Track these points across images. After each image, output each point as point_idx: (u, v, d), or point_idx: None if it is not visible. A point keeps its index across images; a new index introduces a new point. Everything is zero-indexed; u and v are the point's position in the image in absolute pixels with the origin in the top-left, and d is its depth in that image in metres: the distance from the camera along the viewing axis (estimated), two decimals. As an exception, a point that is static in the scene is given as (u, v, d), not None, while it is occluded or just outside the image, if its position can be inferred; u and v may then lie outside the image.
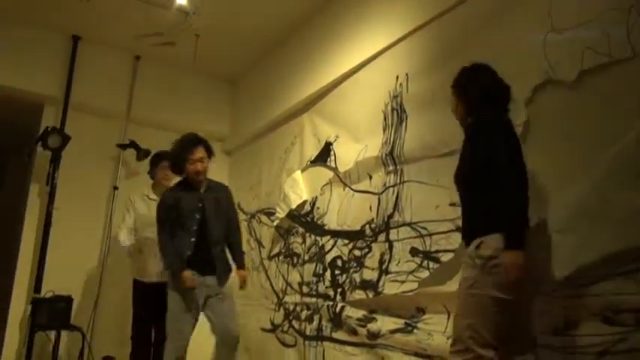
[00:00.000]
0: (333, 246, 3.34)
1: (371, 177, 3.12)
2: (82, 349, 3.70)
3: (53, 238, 3.96)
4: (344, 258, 3.23)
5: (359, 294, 3.01)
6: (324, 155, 3.64)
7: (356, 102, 3.38)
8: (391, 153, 2.95)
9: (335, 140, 3.56)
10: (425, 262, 2.58)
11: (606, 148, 1.84)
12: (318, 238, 3.53)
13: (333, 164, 3.52)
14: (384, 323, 2.79)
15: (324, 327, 3.28)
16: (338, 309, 3.18)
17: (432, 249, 2.54)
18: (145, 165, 4.00)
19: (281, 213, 3.93)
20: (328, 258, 3.37)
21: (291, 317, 3.65)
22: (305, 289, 3.57)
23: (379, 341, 2.80)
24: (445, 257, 2.44)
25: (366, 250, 3.04)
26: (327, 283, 3.34)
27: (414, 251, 2.67)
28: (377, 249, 2.95)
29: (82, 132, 4.19)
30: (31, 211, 4.10)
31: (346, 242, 3.23)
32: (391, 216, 2.88)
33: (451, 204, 2.44)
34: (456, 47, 2.63)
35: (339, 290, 3.21)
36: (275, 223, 4.02)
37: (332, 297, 3.26)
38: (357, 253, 3.11)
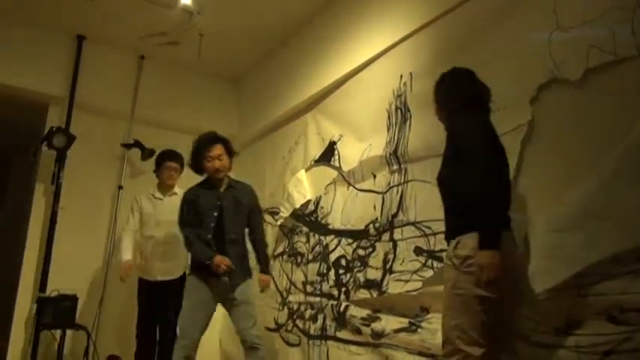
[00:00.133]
0: (337, 245, 3.34)
1: (375, 176, 3.12)
2: (87, 348, 3.70)
3: (58, 237, 3.98)
4: (348, 257, 3.23)
5: (363, 293, 3.01)
6: (328, 154, 3.64)
7: (360, 101, 3.38)
8: (395, 152, 2.95)
9: (339, 139, 3.56)
10: (429, 262, 2.58)
11: (612, 147, 1.84)
12: (322, 238, 3.52)
13: (337, 163, 3.51)
14: (388, 322, 2.79)
15: (328, 326, 3.28)
16: (342, 308, 3.18)
17: (436, 248, 2.54)
18: (150, 164, 4.02)
19: (285, 212, 3.93)
20: (332, 257, 3.37)
21: (295, 316, 3.65)
22: (309, 289, 3.57)
23: (383, 340, 2.79)
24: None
25: (370, 250, 3.03)
26: (331, 283, 3.33)
27: (418, 250, 2.67)
28: (381, 248, 2.94)
29: (87, 132, 4.20)
30: (37, 211, 4.11)
31: (350, 241, 3.23)
32: (395, 215, 2.88)
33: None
34: (461, 46, 2.62)
35: (343, 289, 3.21)
36: (279, 223, 4.02)
37: (336, 296, 3.26)
38: (361, 253, 3.10)
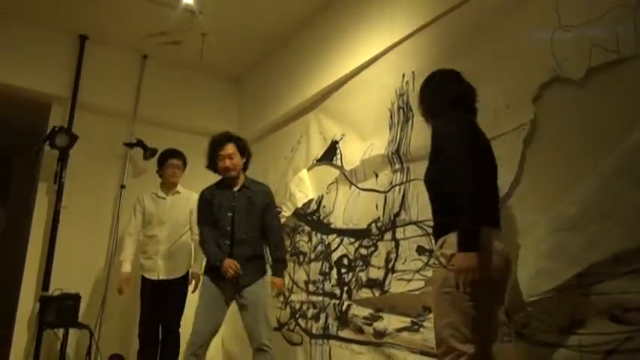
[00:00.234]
0: (339, 244, 3.34)
1: (377, 175, 3.12)
2: (90, 347, 3.71)
3: (61, 237, 3.99)
4: (350, 256, 3.23)
5: (365, 292, 3.01)
6: (330, 154, 3.64)
7: (362, 100, 3.38)
8: (397, 151, 2.95)
9: (341, 139, 3.56)
10: (431, 261, 2.58)
11: (615, 146, 1.83)
12: (324, 237, 3.53)
13: (339, 163, 3.51)
14: (391, 322, 2.79)
15: (331, 325, 3.28)
16: (344, 307, 3.18)
17: (439, 247, 2.54)
18: (152, 164, 4.02)
19: (287, 212, 3.94)
20: (334, 256, 3.37)
21: (297, 316, 3.65)
22: (311, 288, 3.57)
23: (385, 340, 2.80)
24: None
25: (373, 249, 3.03)
26: (334, 282, 3.34)
27: (421, 250, 2.66)
28: (383, 247, 2.94)
29: (90, 131, 4.21)
30: (39, 210, 4.12)
31: (352, 241, 3.23)
32: (397, 214, 2.88)
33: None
34: (463, 45, 2.62)
35: (346, 289, 3.21)
36: (281, 222, 4.02)
37: (338, 295, 3.26)
38: (364, 252, 3.10)
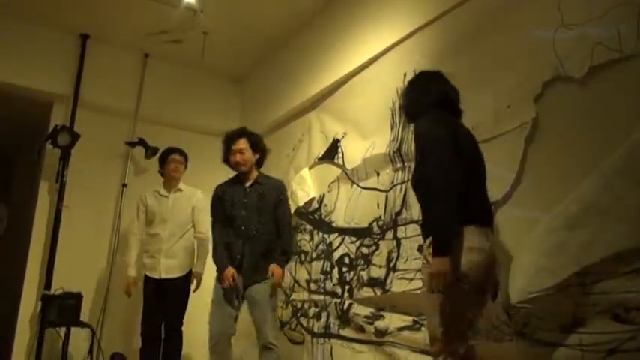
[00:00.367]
0: (341, 243, 3.34)
1: (379, 174, 3.12)
2: (92, 346, 3.72)
3: (63, 235, 3.99)
4: (351, 255, 3.23)
5: (367, 291, 3.01)
6: (332, 152, 3.64)
7: (363, 99, 3.37)
8: (399, 150, 2.94)
9: (343, 137, 3.55)
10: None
11: (617, 145, 1.83)
12: (325, 236, 3.53)
13: (341, 161, 3.51)
14: (392, 320, 2.79)
15: (332, 324, 3.28)
16: (346, 306, 3.18)
17: (440, 246, 2.53)
18: (154, 163, 4.02)
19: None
20: (336, 255, 3.37)
21: (298, 314, 3.65)
22: (313, 287, 3.57)
23: (387, 338, 2.80)
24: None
25: (374, 248, 3.03)
26: (335, 281, 3.34)
27: (422, 249, 2.66)
28: (384, 246, 2.94)
29: (91, 130, 4.20)
30: (41, 209, 4.13)
31: (354, 239, 3.23)
32: (399, 213, 2.87)
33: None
34: (464, 43, 2.61)
35: (347, 287, 3.21)
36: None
37: (340, 294, 3.26)
38: (365, 251, 3.10)
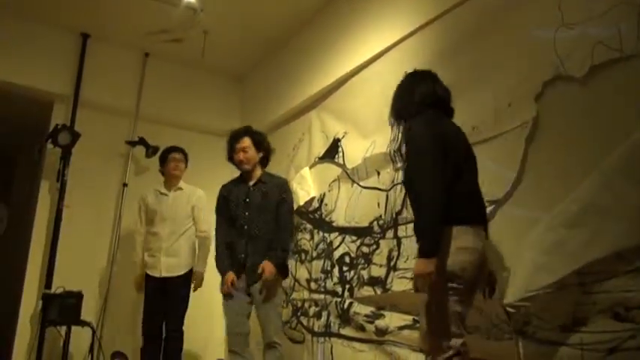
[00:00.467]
0: (341, 242, 3.34)
1: (379, 173, 3.12)
2: (92, 345, 3.72)
3: (63, 234, 3.99)
4: (352, 254, 3.23)
5: (367, 290, 3.01)
6: (332, 152, 3.64)
7: (364, 98, 3.37)
8: (399, 149, 2.92)
9: (343, 137, 3.55)
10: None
11: (617, 144, 1.83)
12: (326, 235, 3.53)
13: (341, 161, 3.51)
14: (392, 320, 2.79)
15: (332, 323, 3.28)
16: (346, 305, 3.18)
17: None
18: (154, 162, 4.02)
19: (289, 209, 3.94)
20: (336, 254, 3.37)
21: (299, 313, 3.65)
22: (313, 286, 3.57)
23: (387, 338, 2.80)
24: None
25: (374, 247, 3.03)
26: (335, 280, 3.34)
27: (423, 248, 2.66)
28: (385, 246, 2.94)
29: (92, 129, 4.20)
30: (42, 208, 4.13)
31: (354, 239, 3.23)
32: (399, 212, 2.87)
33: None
34: (465, 43, 2.61)
35: (347, 287, 3.21)
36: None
37: (340, 293, 3.27)
38: (365, 250, 3.10)
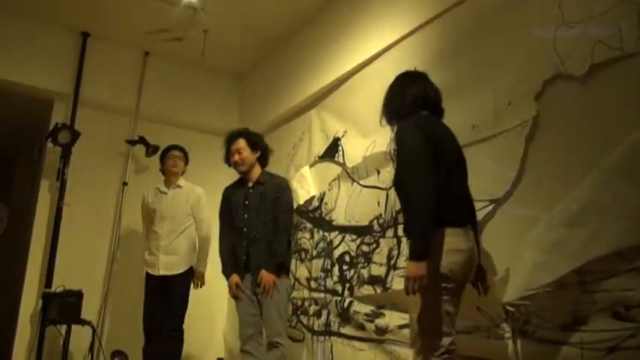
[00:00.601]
0: (341, 241, 3.34)
1: (379, 172, 3.11)
2: (93, 344, 3.73)
3: (63, 233, 3.99)
4: (352, 253, 3.23)
5: (367, 289, 3.01)
6: (332, 151, 3.63)
7: (364, 97, 3.37)
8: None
9: (343, 135, 3.55)
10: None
11: (617, 143, 1.82)
12: (326, 234, 3.53)
13: (341, 160, 3.51)
14: (392, 318, 2.79)
15: (332, 322, 3.29)
16: (346, 304, 3.18)
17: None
18: (154, 161, 4.03)
19: (289, 208, 3.93)
20: (336, 253, 3.37)
21: (299, 312, 3.66)
22: (313, 285, 3.57)
23: (387, 336, 2.80)
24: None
25: (374, 246, 3.03)
26: (335, 279, 3.34)
27: (423, 246, 2.66)
28: (385, 244, 2.94)
29: (92, 128, 4.21)
30: (42, 207, 4.13)
31: (354, 238, 3.23)
32: (399, 211, 2.87)
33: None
34: (466, 41, 2.61)
35: (347, 285, 3.21)
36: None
37: (340, 292, 3.27)
38: (365, 249, 3.10)
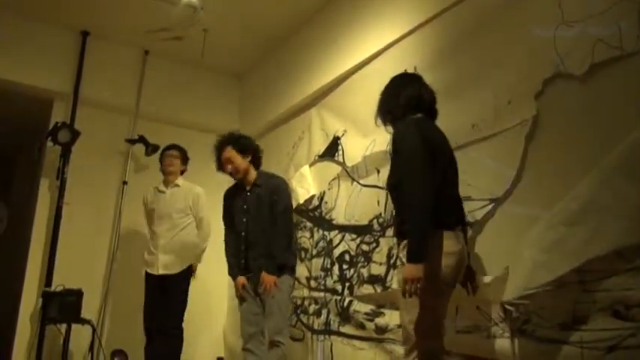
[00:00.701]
0: (341, 240, 3.34)
1: (379, 171, 3.11)
2: (93, 343, 3.73)
3: (63, 232, 3.99)
4: (352, 252, 3.23)
5: (367, 288, 3.01)
6: (332, 150, 3.63)
7: (364, 96, 3.36)
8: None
9: (343, 135, 3.55)
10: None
11: (617, 142, 1.82)
12: (325, 233, 3.53)
13: (341, 159, 3.51)
14: (392, 318, 2.79)
15: (332, 321, 3.29)
16: (346, 303, 3.18)
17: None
18: (154, 160, 4.03)
19: (289, 208, 3.93)
20: (336, 252, 3.37)
21: (299, 311, 3.66)
22: (313, 284, 3.57)
23: (387, 335, 2.80)
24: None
25: (374, 245, 3.03)
26: (335, 278, 3.34)
27: (422, 246, 2.66)
28: (385, 243, 2.94)
29: (92, 127, 4.21)
30: (42, 206, 4.13)
31: (354, 237, 3.23)
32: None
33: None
34: (466, 40, 2.61)
35: (347, 285, 3.21)
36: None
37: (340, 291, 3.27)
38: (365, 248, 3.10)
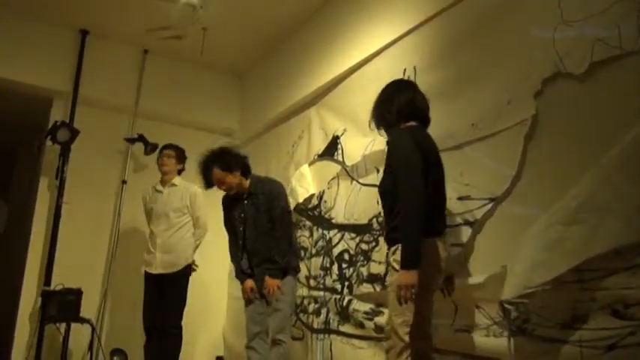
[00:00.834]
0: (340, 239, 3.35)
1: (378, 170, 3.11)
2: (92, 342, 3.73)
3: (62, 231, 4.00)
4: (351, 252, 3.23)
5: (366, 287, 3.02)
6: (332, 149, 3.64)
7: (363, 95, 3.35)
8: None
9: (342, 134, 3.55)
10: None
11: (617, 141, 1.82)
12: (325, 232, 3.53)
13: (341, 158, 3.51)
14: (392, 317, 2.80)
15: (332, 320, 3.29)
16: (345, 302, 3.19)
17: (440, 243, 2.53)
18: (153, 159, 4.03)
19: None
20: (335, 252, 3.37)
21: (298, 310, 3.66)
22: (312, 283, 3.58)
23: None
24: (453, 251, 2.43)
25: (373, 244, 3.04)
26: (335, 277, 3.34)
27: (422, 245, 2.66)
28: (384, 243, 2.93)
29: (91, 126, 4.21)
30: (41, 205, 4.14)
31: (353, 236, 3.23)
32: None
33: (459, 198, 2.43)
34: (465, 40, 2.61)
35: (346, 284, 3.21)
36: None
37: (339, 290, 3.27)
38: (364, 247, 3.11)
